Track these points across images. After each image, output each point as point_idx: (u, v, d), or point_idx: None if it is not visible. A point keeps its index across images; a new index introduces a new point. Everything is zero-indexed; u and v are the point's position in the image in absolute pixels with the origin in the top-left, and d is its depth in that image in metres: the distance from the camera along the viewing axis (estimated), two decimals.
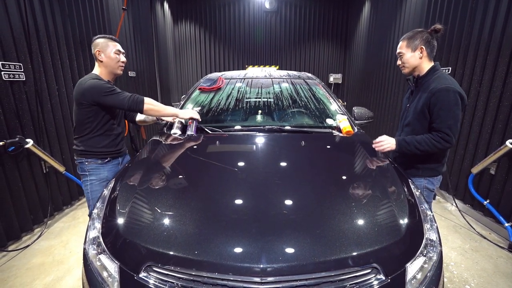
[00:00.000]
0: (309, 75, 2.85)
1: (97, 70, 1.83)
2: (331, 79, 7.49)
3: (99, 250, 1.13)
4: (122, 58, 1.86)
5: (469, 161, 2.91)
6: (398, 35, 4.41)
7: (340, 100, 7.62)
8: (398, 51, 1.71)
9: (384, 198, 1.25)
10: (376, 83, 5.29)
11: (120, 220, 1.15)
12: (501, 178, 2.52)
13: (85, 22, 3.20)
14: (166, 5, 6.36)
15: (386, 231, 1.07)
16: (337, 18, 7.36)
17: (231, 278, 0.91)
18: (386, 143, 1.66)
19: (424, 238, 1.12)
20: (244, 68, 7.31)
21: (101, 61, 1.79)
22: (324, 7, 7.26)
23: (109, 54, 1.79)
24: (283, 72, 2.90)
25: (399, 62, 1.74)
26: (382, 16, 5.12)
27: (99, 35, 1.83)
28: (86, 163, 1.85)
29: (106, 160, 1.89)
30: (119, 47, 1.83)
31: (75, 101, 1.77)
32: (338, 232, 1.04)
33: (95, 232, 1.21)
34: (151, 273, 0.98)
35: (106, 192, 1.43)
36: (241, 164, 1.54)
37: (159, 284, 0.95)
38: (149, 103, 1.81)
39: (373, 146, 1.71)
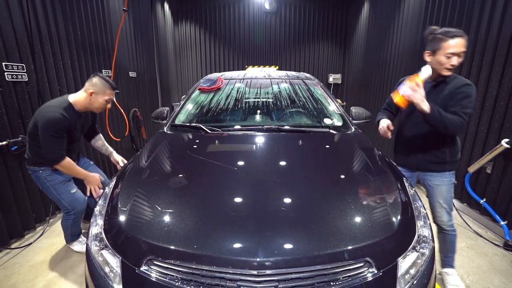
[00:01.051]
0: (308, 75, 2.89)
1: (78, 96, 1.92)
2: (331, 79, 7.52)
3: (101, 246, 1.17)
4: (109, 105, 2.01)
5: (466, 160, 2.94)
6: (397, 35, 4.44)
7: (339, 100, 7.62)
8: (463, 49, 1.47)
9: (378, 195, 1.28)
10: (375, 83, 5.32)
11: (122, 217, 1.19)
12: (497, 177, 2.55)
13: (86, 23, 3.24)
14: (166, 6, 6.40)
15: (379, 226, 1.11)
16: (336, 19, 7.39)
17: (229, 271, 0.95)
18: (419, 96, 1.46)
19: (417, 234, 1.16)
20: (244, 69, 7.35)
21: (89, 100, 1.90)
22: (324, 8, 7.29)
23: (100, 99, 1.92)
24: (282, 73, 2.93)
25: (457, 62, 1.49)
26: (381, 16, 5.15)
27: (101, 75, 1.93)
28: (40, 171, 1.94)
29: None
30: (112, 96, 1.97)
31: (33, 120, 1.84)
32: (333, 228, 1.08)
33: (97, 229, 1.25)
34: (152, 267, 1.01)
35: (107, 190, 1.46)
36: (240, 162, 1.57)
37: (159, 277, 0.99)
38: (62, 167, 1.90)
39: (403, 89, 1.48)
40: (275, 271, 0.95)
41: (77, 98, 1.92)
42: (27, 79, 2.42)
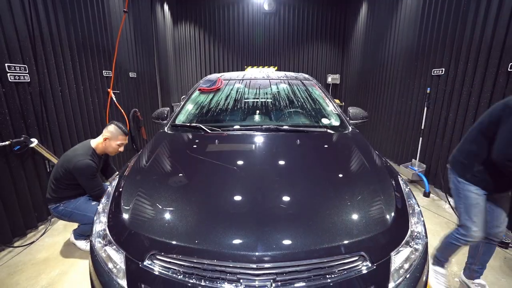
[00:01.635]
0: (306, 76, 2.93)
1: (97, 141, 2.25)
2: (329, 79, 7.57)
3: (105, 242, 1.20)
4: (121, 149, 2.31)
5: None
6: (394, 36, 4.49)
7: (337, 100, 7.66)
8: None
9: (373, 192, 1.32)
10: (373, 83, 5.38)
11: (125, 214, 1.22)
12: None
13: (87, 24, 3.28)
14: (166, 7, 6.44)
15: (373, 222, 1.15)
16: (334, 20, 7.45)
17: (230, 265, 0.99)
18: None
19: (410, 229, 1.20)
20: (243, 69, 7.39)
21: (104, 144, 2.23)
22: (322, 9, 7.35)
23: (113, 144, 2.24)
24: (281, 73, 2.97)
25: None
26: (378, 17, 5.20)
27: (116, 123, 2.27)
28: (62, 205, 2.19)
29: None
30: (124, 141, 2.31)
31: (62, 167, 2.11)
32: (329, 223, 1.12)
33: (101, 226, 1.28)
34: (155, 261, 1.05)
35: (110, 189, 1.50)
36: (239, 161, 1.61)
37: (162, 271, 1.03)
38: None
39: None
40: (273, 265, 0.99)
41: (96, 143, 2.24)
42: (29, 80, 2.46)
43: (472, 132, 1.74)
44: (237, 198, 1.27)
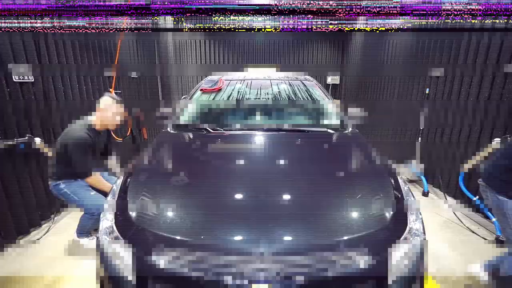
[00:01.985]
0: (306, 76, 2.97)
1: (94, 117, 2.13)
2: (329, 80, 7.60)
3: (112, 238, 1.23)
4: (118, 119, 2.17)
5: (460, 159, 3.03)
6: (394, 36, 4.53)
7: (337, 100, 7.65)
8: None
9: (372, 190, 1.36)
10: (372, 84, 5.41)
11: (132, 211, 1.26)
12: None
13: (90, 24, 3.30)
14: None
15: (373, 219, 1.19)
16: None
17: (234, 259, 1.03)
18: None
19: (408, 226, 1.24)
20: (243, 69, 7.41)
21: (100, 116, 2.12)
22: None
23: (109, 114, 2.11)
24: (281, 74, 3.01)
25: None
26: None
27: (110, 94, 2.18)
28: (62, 184, 2.14)
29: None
30: (118, 109, 2.14)
31: (60, 142, 2.07)
32: (330, 219, 1.16)
33: (107, 223, 1.31)
34: (162, 255, 1.08)
35: (115, 187, 1.53)
36: (241, 160, 1.65)
37: (169, 265, 1.06)
38: (92, 179, 2.15)
39: None
40: (276, 259, 1.02)
41: (94, 117, 2.15)
42: (33, 80, 2.48)
43: (510, 147, 1.67)
44: (240, 196, 1.30)
